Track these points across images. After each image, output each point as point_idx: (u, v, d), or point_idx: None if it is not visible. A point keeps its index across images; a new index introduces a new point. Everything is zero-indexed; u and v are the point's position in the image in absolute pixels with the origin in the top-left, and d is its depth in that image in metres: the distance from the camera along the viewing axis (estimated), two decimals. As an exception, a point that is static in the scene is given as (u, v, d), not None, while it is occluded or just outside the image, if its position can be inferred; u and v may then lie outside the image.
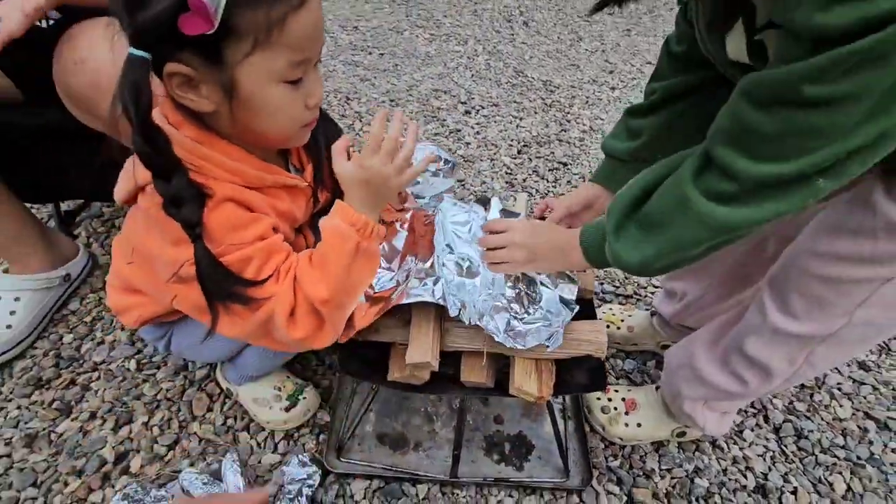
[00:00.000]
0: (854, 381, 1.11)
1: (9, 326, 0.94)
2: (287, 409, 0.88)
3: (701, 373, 0.83)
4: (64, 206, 1.22)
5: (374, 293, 0.72)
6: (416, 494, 0.86)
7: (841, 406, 1.06)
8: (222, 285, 0.55)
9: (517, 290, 0.73)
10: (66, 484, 0.81)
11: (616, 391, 0.96)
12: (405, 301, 0.69)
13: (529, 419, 0.96)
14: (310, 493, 0.80)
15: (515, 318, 0.69)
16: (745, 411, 1.03)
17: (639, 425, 0.92)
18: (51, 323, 1.03)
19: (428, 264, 0.74)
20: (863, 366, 1.15)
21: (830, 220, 0.65)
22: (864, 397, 1.08)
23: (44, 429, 0.87)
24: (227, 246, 0.56)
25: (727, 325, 0.82)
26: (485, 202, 0.87)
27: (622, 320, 1.09)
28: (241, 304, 0.57)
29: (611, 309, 1.13)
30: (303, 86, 0.56)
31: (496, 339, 0.67)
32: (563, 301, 0.74)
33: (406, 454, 0.90)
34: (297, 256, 0.61)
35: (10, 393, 0.91)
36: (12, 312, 0.95)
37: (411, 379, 0.73)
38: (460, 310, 0.69)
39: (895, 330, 0.71)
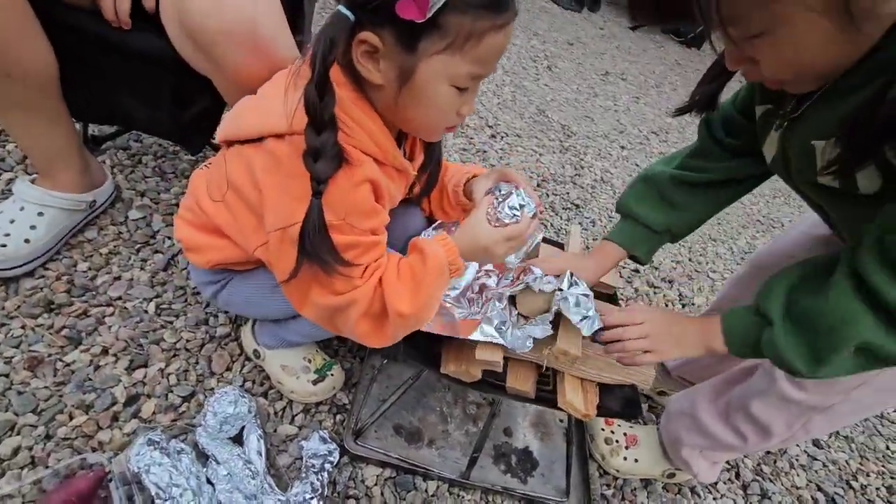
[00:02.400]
0: (808, 455, 1.23)
1: (27, 241, 0.88)
2: (315, 382, 0.87)
3: (702, 423, 0.90)
4: (91, 128, 1.16)
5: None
6: (426, 490, 0.87)
7: (798, 475, 1.17)
8: (319, 248, 0.56)
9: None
10: (71, 416, 0.76)
11: (619, 425, 1.02)
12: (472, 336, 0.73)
13: (536, 437, 1.00)
14: (330, 469, 0.79)
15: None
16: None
17: (636, 461, 0.98)
18: (65, 247, 0.96)
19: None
20: (816, 443, 1.28)
21: None
22: (816, 471, 1.20)
23: (50, 355, 0.81)
24: (344, 224, 0.58)
25: (730, 383, 0.90)
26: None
27: None
28: (326, 272, 0.58)
29: None
30: (465, 95, 0.60)
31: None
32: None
33: (420, 449, 0.91)
34: (387, 261, 0.64)
35: (16, 310, 0.84)
36: (33, 227, 0.89)
37: (463, 375, 0.75)
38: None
39: (880, 409, 0.82)
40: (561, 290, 0.73)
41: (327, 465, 0.78)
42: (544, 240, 0.96)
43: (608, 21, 4.20)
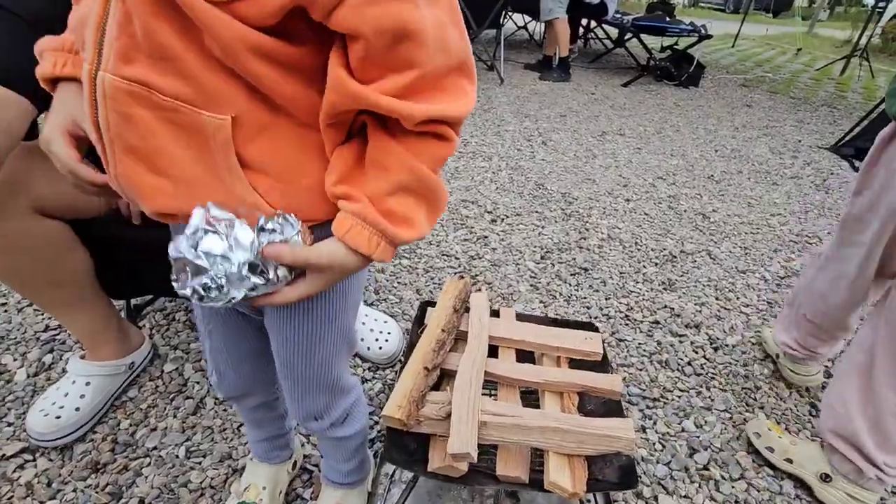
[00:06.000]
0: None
1: (77, 409, 1.03)
2: None
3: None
4: (133, 300, 1.36)
5: None
6: None
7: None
8: None
9: None
10: (111, 570, 0.84)
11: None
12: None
13: (562, 523, 0.96)
14: (345, 590, 0.80)
15: None
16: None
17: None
18: (111, 409, 1.11)
19: None
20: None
21: None
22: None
23: (96, 513, 0.91)
24: None
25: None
26: None
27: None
28: None
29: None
30: None
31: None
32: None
33: (439, 555, 0.90)
34: None
35: (69, 475, 0.97)
36: (82, 396, 1.04)
37: (450, 471, 0.77)
38: None
39: None
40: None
41: (341, 586, 0.80)
42: None
43: (599, 84, 4.42)
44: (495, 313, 1.05)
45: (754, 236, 2.16)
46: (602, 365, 0.96)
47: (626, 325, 1.54)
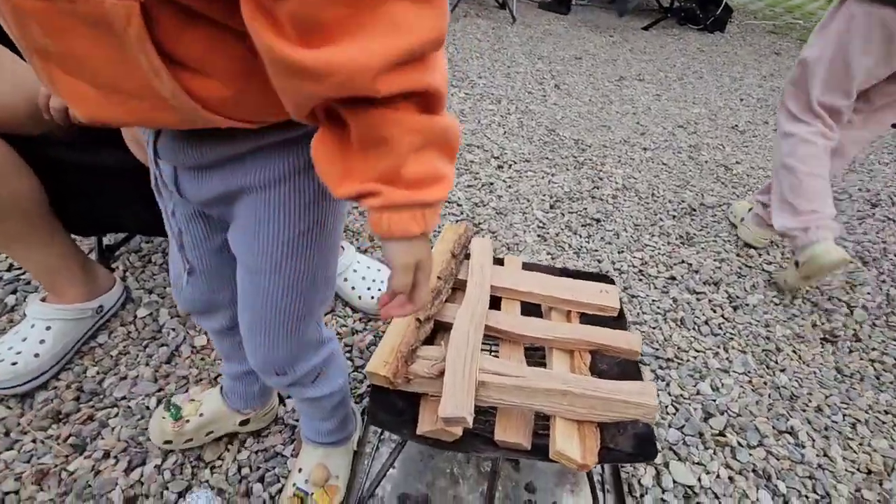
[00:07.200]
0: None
1: (36, 355, 0.94)
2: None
3: None
4: (105, 239, 1.25)
5: None
6: (439, 568, 0.78)
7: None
8: None
9: None
10: (69, 528, 0.77)
11: None
12: None
13: (565, 489, 0.88)
14: (324, 557, 0.73)
15: None
16: (806, 497, 0.93)
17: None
18: (77, 355, 1.02)
19: None
20: (936, 452, 1.03)
21: None
22: None
23: (56, 465, 0.84)
24: None
25: None
26: None
27: None
28: None
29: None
30: None
31: None
32: None
33: (429, 520, 0.83)
34: None
35: (28, 425, 0.89)
36: (42, 341, 0.95)
37: (442, 434, 0.67)
38: None
39: None
40: None
41: (319, 553, 0.73)
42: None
43: (617, 27, 4.11)
44: (499, 262, 0.94)
45: (779, 191, 2.01)
46: (618, 321, 0.85)
47: (640, 280, 1.43)
